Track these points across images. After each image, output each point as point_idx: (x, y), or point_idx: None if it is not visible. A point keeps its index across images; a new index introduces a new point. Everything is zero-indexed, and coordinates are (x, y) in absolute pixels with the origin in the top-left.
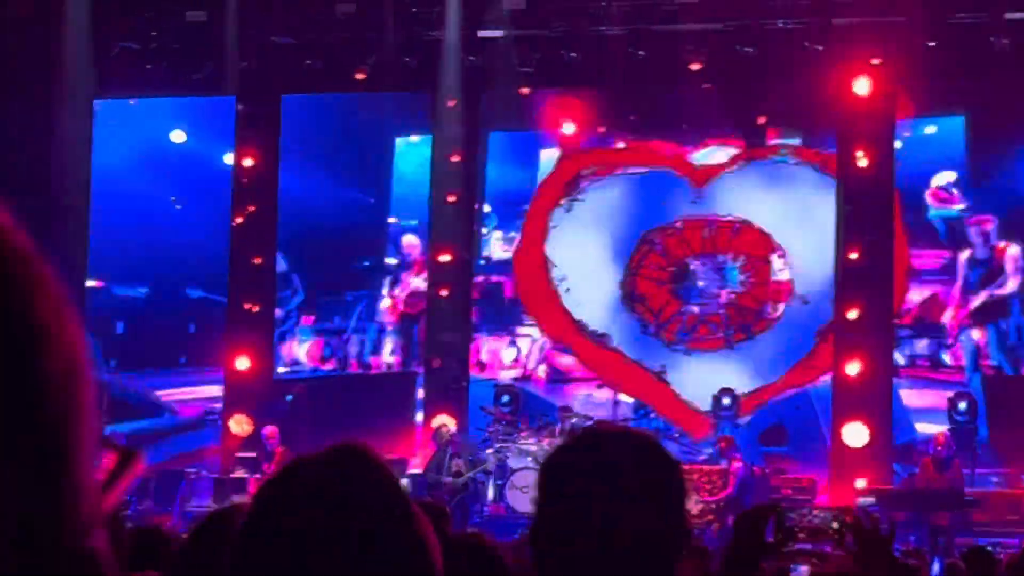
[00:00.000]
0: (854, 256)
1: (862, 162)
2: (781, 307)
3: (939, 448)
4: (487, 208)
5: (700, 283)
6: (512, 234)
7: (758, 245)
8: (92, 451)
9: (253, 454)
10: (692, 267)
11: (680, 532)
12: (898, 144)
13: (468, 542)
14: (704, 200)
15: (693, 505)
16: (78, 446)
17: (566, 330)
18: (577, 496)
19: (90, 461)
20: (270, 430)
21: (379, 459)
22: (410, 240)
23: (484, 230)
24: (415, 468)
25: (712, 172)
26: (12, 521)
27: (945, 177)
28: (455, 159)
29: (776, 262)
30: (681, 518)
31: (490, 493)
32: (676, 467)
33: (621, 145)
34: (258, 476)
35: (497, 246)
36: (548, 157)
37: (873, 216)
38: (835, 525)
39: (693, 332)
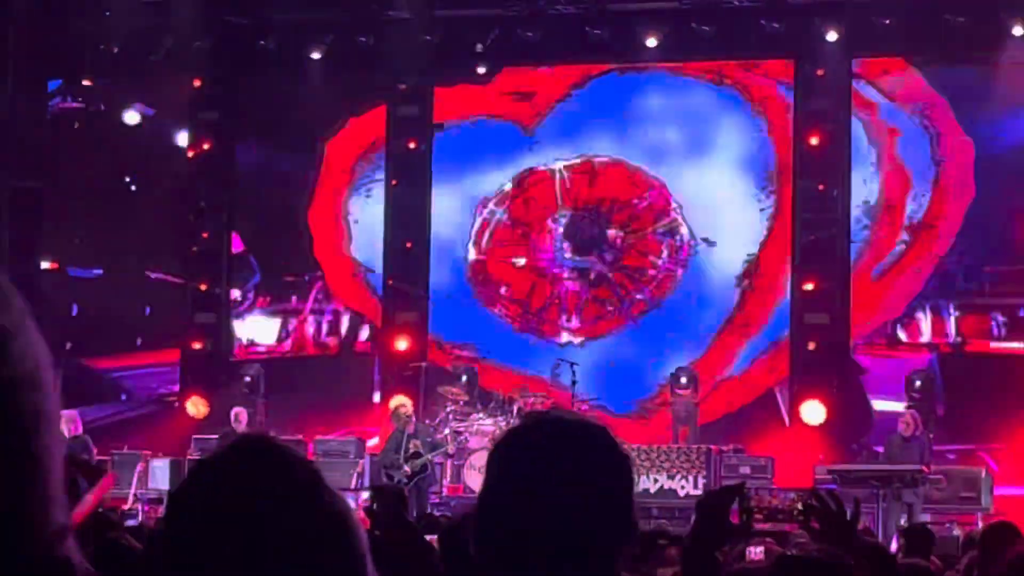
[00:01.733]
0: (812, 238)
1: (813, 140)
2: (683, 257)
3: (904, 426)
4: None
5: (566, 252)
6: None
7: (629, 185)
8: (58, 458)
9: (210, 436)
10: (552, 231)
11: (624, 523)
12: None
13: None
14: (540, 143)
15: None
16: (44, 452)
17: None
18: (521, 482)
19: (56, 468)
20: (238, 411)
21: (283, 447)
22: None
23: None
24: (372, 449)
25: (541, 106)
26: None
27: None
28: (410, 143)
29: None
30: (626, 509)
31: (448, 474)
32: (624, 457)
33: None
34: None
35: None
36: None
37: (830, 192)
38: (799, 507)
39: (579, 315)
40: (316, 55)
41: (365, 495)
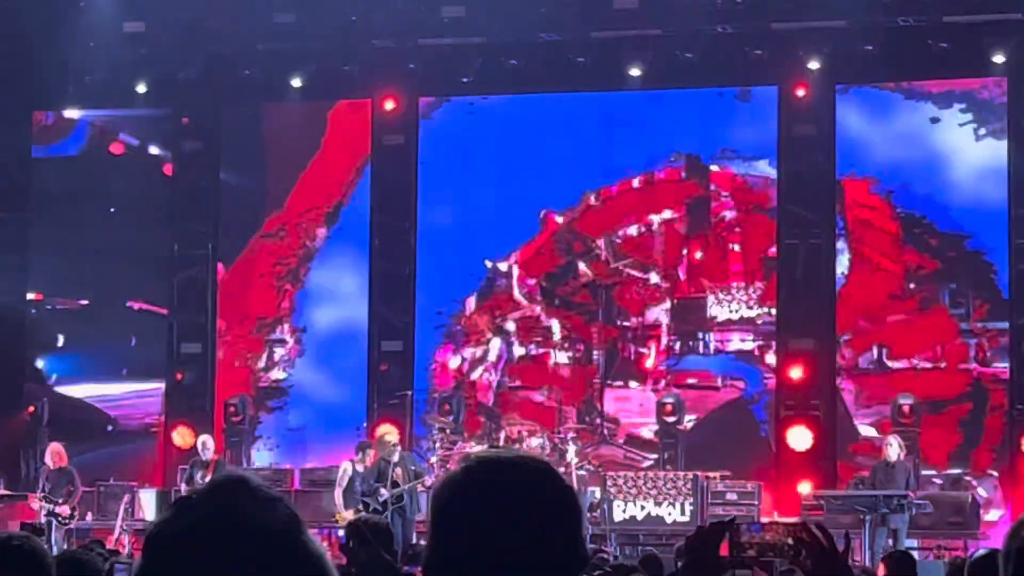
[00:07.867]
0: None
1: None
2: None
3: (887, 452)
4: None
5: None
6: None
7: None
8: None
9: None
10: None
11: (575, 558)
12: None
13: None
14: None
15: None
16: None
17: None
18: (467, 529)
19: None
20: (205, 438)
21: (263, 488)
22: None
23: None
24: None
25: None
26: None
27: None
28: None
29: None
30: (576, 543)
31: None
32: (569, 492)
33: None
34: (189, 487)
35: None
36: None
37: (816, 218)
38: (790, 540)
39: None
40: (298, 83)
41: (341, 531)
